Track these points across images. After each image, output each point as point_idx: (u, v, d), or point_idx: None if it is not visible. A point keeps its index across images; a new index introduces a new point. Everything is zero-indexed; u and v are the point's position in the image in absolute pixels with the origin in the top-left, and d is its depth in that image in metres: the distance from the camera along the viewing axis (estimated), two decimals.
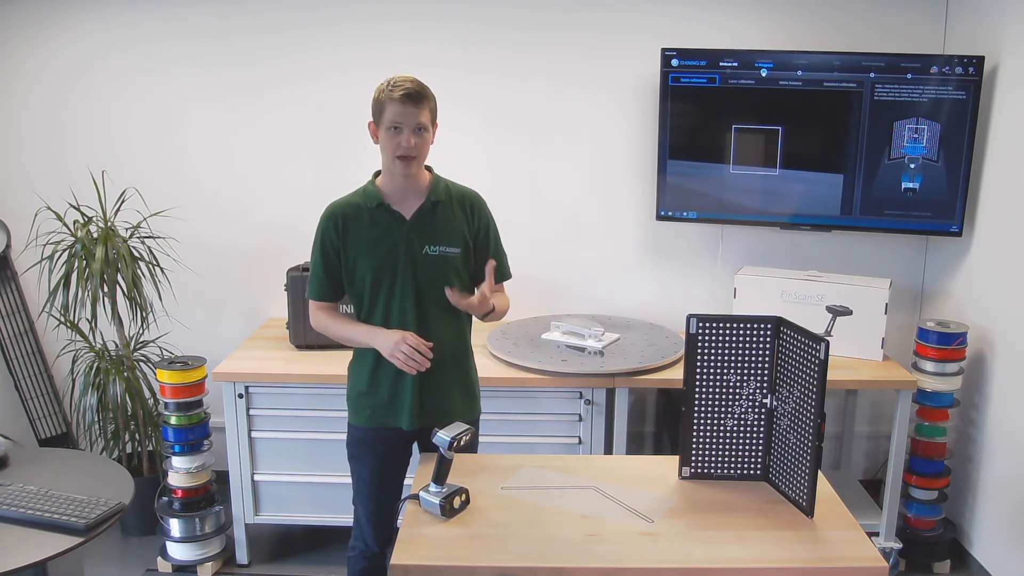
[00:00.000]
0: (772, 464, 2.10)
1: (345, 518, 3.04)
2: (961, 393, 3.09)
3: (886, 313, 3.01)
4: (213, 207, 3.47)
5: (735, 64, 3.15)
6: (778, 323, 2.05)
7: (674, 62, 3.18)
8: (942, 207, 3.13)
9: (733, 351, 2.06)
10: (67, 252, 3.10)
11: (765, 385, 2.08)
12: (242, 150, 3.44)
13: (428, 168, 2.29)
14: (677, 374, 2.44)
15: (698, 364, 2.07)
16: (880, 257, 3.43)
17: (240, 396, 2.94)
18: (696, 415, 2.10)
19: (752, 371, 2.07)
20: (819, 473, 1.99)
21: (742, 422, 2.10)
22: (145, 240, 3.27)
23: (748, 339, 2.06)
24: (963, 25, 3.18)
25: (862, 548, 1.82)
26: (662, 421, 3.56)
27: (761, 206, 3.26)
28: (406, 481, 2.41)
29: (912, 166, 3.13)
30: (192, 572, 3.05)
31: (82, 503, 2.03)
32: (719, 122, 3.22)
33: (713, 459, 2.13)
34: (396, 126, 2.14)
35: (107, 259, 3.06)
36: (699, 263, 3.49)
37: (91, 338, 3.19)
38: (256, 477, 3.03)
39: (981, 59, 2.98)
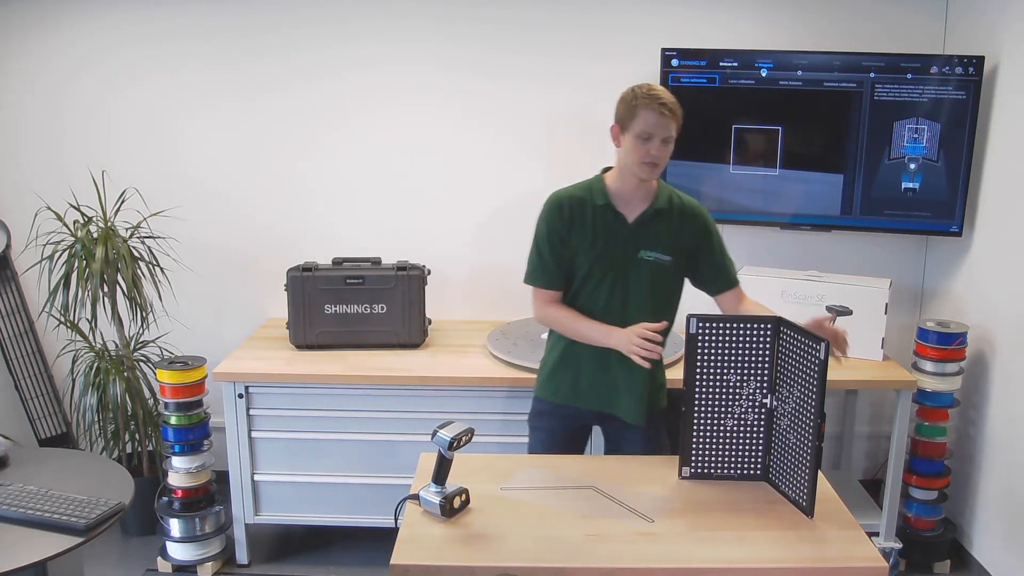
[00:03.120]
0: (772, 464, 2.10)
1: (345, 518, 3.06)
2: (961, 393, 3.09)
3: (886, 313, 3.01)
4: (213, 207, 3.47)
5: (735, 64, 3.15)
6: (778, 323, 2.05)
7: (674, 62, 3.18)
8: (942, 207, 3.13)
9: (733, 351, 2.06)
10: (67, 252, 3.10)
11: (765, 385, 2.08)
12: (242, 150, 3.44)
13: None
14: (677, 374, 2.45)
15: (698, 364, 2.07)
16: (880, 257, 3.43)
17: (240, 396, 2.94)
18: (696, 415, 2.10)
19: (752, 371, 2.07)
20: (819, 473, 2.00)
21: (742, 422, 2.10)
22: (145, 240, 3.27)
23: (748, 339, 2.06)
24: (963, 25, 3.18)
25: (862, 548, 1.82)
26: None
27: (761, 206, 3.26)
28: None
29: (912, 166, 3.13)
30: (192, 572, 3.05)
31: (82, 503, 2.03)
32: (719, 122, 3.22)
33: (713, 459, 2.13)
34: (648, 135, 2.17)
35: (107, 259, 3.06)
36: None
37: (91, 338, 3.19)
38: (256, 477, 3.03)
39: (981, 59, 2.98)
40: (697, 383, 2.09)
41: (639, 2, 3.27)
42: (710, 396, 2.10)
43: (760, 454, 2.12)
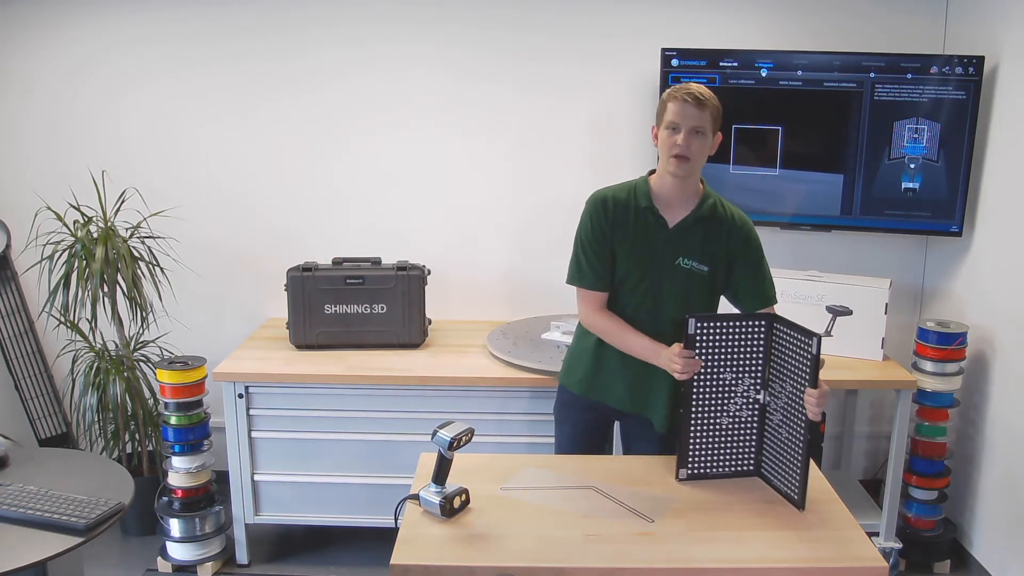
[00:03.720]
0: (764, 459, 2.11)
1: (345, 518, 3.06)
2: (961, 393, 3.09)
3: (886, 313, 3.01)
4: (213, 207, 3.47)
5: (735, 64, 3.15)
6: (771, 320, 2.06)
7: (674, 62, 3.18)
8: (942, 207, 3.13)
9: (729, 350, 2.07)
10: (67, 252, 3.10)
11: (758, 382, 2.09)
12: (242, 150, 3.44)
13: (702, 180, 2.28)
14: None
15: None
16: (880, 257, 3.43)
17: (240, 396, 2.94)
18: (694, 416, 2.11)
19: (747, 368, 2.08)
20: (812, 467, 2.02)
21: (737, 419, 2.11)
22: (145, 240, 3.27)
23: (743, 337, 2.06)
24: (963, 25, 3.18)
25: (862, 548, 1.82)
26: None
27: (761, 206, 3.26)
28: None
29: (912, 166, 3.13)
30: (192, 572, 3.05)
31: (82, 503, 2.03)
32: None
33: (709, 459, 2.13)
34: (675, 125, 2.14)
35: (107, 259, 3.06)
36: None
37: (91, 338, 3.19)
38: (256, 477, 3.03)
39: (981, 59, 2.98)
40: (696, 384, 2.09)
41: (639, 3, 3.27)
42: (707, 396, 2.10)
43: (753, 450, 2.13)
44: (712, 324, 2.06)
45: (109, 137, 3.42)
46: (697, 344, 2.06)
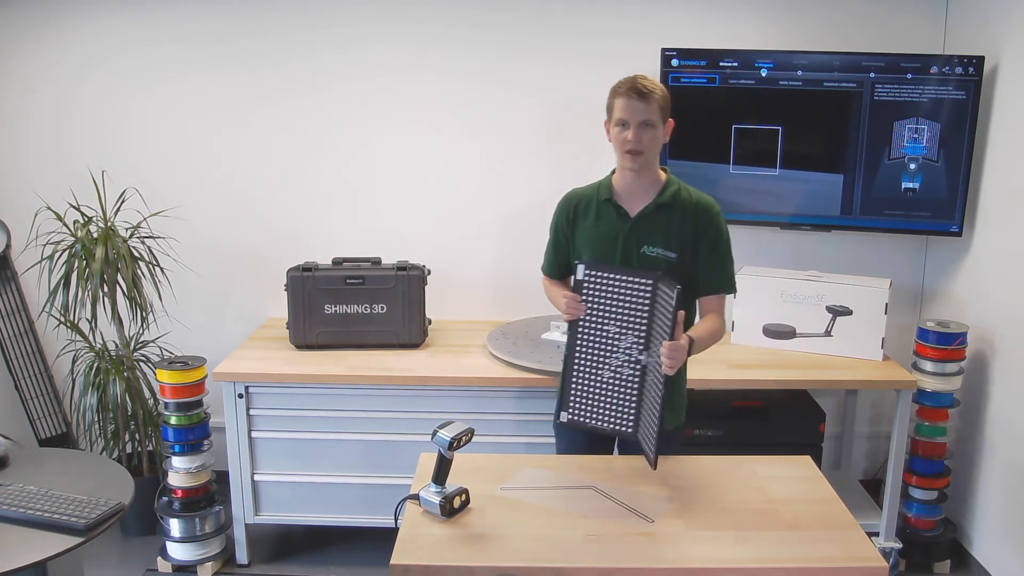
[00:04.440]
0: (641, 419, 2.14)
1: (345, 518, 3.06)
2: (961, 393, 3.09)
3: (886, 313, 3.01)
4: (213, 207, 3.47)
5: (735, 64, 3.15)
6: (657, 281, 2.10)
7: (674, 62, 3.18)
8: (942, 207, 3.13)
9: (615, 303, 2.13)
10: (67, 252, 3.10)
11: (641, 342, 2.13)
12: (242, 150, 3.44)
13: (665, 169, 2.32)
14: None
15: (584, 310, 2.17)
16: (880, 257, 3.43)
17: (240, 396, 2.94)
18: (576, 361, 2.17)
19: (631, 326, 2.13)
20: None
21: (618, 375, 2.15)
22: (145, 240, 3.27)
23: (629, 294, 2.12)
24: (963, 25, 3.18)
25: (862, 548, 1.82)
26: None
27: (761, 206, 3.26)
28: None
29: (912, 166, 3.13)
30: (192, 572, 3.05)
31: (82, 503, 2.03)
32: (719, 122, 3.22)
33: (590, 408, 2.18)
34: (623, 121, 2.18)
35: (107, 259, 3.06)
36: None
37: (91, 338, 3.19)
38: (256, 477, 3.03)
39: (981, 59, 2.98)
40: (580, 329, 2.16)
41: (639, 3, 3.27)
42: (590, 345, 2.16)
43: (633, 410, 2.15)
44: (600, 274, 2.13)
45: (109, 137, 3.42)
46: (584, 290, 2.14)
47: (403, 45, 3.33)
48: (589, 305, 2.15)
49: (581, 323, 2.15)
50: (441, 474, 1.95)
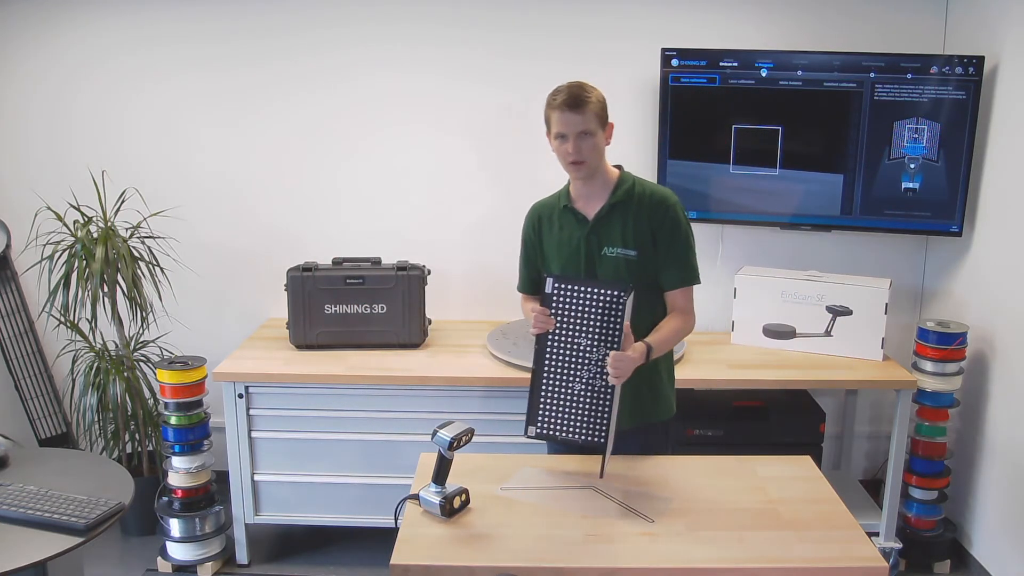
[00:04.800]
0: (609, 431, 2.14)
1: (345, 518, 3.06)
2: (961, 393, 3.09)
3: (886, 313, 3.01)
4: (213, 207, 3.47)
5: (735, 64, 3.15)
6: (630, 293, 2.07)
7: (674, 62, 3.18)
8: (942, 207, 3.13)
9: (585, 316, 2.09)
10: (67, 252, 3.10)
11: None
12: (242, 150, 3.44)
13: (619, 167, 2.31)
14: (678, 374, 2.47)
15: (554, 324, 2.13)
16: (880, 257, 3.43)
17: (240, 396, 2.94)
18: (546, 374, 2.13)
19: (603, 338, 2.09)
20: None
21: (590, 387, 2.12)
22: (145, 240, 3.27)
23: (600, 306, 2.08)
24: (963, 25, 3.18)
25: (862, 548, 1.82)
26: None
27: (761, 206, 3.26)
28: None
29: (912, 166, 3.13)
30: (192, 572, 3.05)
31: (82, 503, 2.03)
32: (719, 122, 3.22)
33: (560, 421, 2.15)
34: (561, 136, 2.17)
35: (107, 259, 3.06)
36: (699, 263, 3.47)
37: (91, 338, 3.19)
38: (256, 477, 3.03)
39: (981, 59, 2.98)
40: (549, 343, 2.12)
41: (639, 3, 3.27)
42: (560, 357, 2.12)
43: (605, 422, 2.13)
44: (568, 287, 2.09)
45: (109, 137, 3.42)
46: (553, 304, 2.10)
47: (403, 45, 3.33)
48: (558, 318, 2.10)
49: (550, 337, 2.12)
50: (441, 474, 1.95)
